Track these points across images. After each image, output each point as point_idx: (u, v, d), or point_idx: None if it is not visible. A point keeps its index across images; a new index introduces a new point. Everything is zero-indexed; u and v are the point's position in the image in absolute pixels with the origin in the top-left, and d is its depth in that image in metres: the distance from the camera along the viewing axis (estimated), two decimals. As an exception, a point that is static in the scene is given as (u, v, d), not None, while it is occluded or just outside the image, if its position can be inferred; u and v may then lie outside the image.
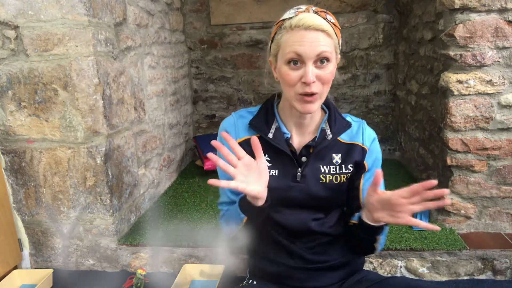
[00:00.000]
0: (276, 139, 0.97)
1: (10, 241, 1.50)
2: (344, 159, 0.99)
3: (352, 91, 2.60)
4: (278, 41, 0.92)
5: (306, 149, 0.99)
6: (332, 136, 0.97)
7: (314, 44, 0.86)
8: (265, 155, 0.99)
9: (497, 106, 1.42)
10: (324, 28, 0.86)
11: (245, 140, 1.00)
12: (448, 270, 1.45)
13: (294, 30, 0.87)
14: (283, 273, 1.03)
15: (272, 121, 1.00)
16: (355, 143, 1.00)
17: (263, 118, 1.01)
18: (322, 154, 0.99)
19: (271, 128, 0.99)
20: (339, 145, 1.00)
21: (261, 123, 1.00)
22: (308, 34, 0.86)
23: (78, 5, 1.30)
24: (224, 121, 1.06)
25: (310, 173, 0.98)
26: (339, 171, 0.99)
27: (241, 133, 1.02)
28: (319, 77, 0.88)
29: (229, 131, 1.02)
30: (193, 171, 2.46)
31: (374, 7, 2.44)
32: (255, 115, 1.03)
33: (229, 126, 1.04)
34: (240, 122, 1.03)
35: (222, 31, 2.60)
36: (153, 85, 1.97)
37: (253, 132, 1.00)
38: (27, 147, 1.46)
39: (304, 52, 0.86)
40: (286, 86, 0.92)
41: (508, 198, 1.51)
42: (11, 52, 1.36)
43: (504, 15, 1.36)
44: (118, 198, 1.56)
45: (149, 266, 1.57)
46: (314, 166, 0.98)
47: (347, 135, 1.01)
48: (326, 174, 0.98)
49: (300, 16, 0.87)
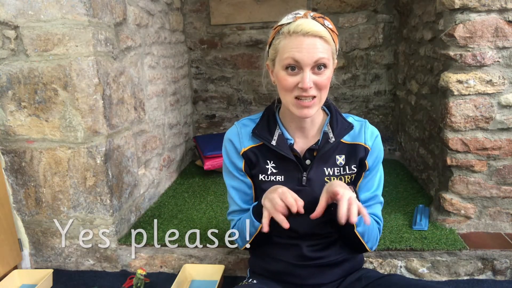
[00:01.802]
0: (279, 146, 0.99)
1: (10, 241, 1.50)
2: (348, 160, 1.01)
3: (352, 91, 2.60)
4: (276, 46, 0.92)
5: (309, 152, 1.00)
6: (334, 139, 0.99)
7: (312, 51, 0.87)
8: (270, 162, 1.02)
9: (497, 106, 1.42)
10: (321, 34, 0.87)
11: (250, 149, 1.03)
12: (448, 270, 1.45)
13: (292, 36, 0.88)
14: (284, 270, 1.04)
15: (274, 128, 1.02)
16: (358, 143, 1.02)
17: (266, 126, 1.03)
18: (326, 157, 1.00)
19: (274, 135, 1.01)
20: (342, 146, 1.01)
21: (263, 131, 1.02)
22: (306, 40, 0.87)
23: (78, 5, 1.30)
24: (228, 131, 1.08)
25: (315, 177, 0.99)
26: (343, 172, 1.00)
27: (245, 142, 1.04)
28: (316, 83, 0.89)
29: (234, 141, 1.04)
30: (193, 171, 2.46)
31: (374, 7, 2.44)
32: (257, 123, 1.05)
33: (233, 136, 1.06)
34: (244, 131, 1.05)
35: (222, 31, 2.60)
36: (153, 85, 1.97)
37: (257, 140, 1.03)
38: (27, 147, 1.46)
39: (302, 58, 0.87)
40: (283, 91, 0.94)
41: (508, 198, 1.51)
42: (11, 52, 1.36)
43: (504, 15, 1.36)
44: (118, 198, 1.56)
45: (149, 266, 1.57)
46: (319, 169, 1.00)
47: (349, 136, 1.02)
48: (330, 176, 1.00)
49: (298, 22, 0.88)
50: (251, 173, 1.05)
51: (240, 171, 1.05)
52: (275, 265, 1.06)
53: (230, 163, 1.06)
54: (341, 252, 1.04)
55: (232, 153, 1.05)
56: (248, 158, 1.03)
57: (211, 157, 2.25)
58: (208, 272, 1.48)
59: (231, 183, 1.07)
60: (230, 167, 1.06)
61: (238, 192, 1.06)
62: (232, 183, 1.07)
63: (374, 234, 1.02)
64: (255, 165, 1.03)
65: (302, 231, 1.01)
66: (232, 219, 1.09)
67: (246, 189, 1.05)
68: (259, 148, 1.03)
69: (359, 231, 0.97)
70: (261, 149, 1.03)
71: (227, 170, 1.08)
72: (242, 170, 1.04)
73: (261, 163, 1.02)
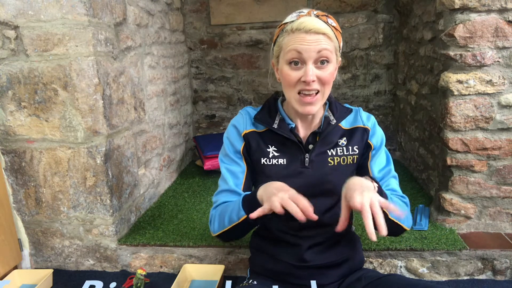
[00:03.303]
0: (281, 129, 1.01)
1: (10, 241, 1.50)
2: (349, 142, 1.03)
3: (352, 91, 2.60)
4: (280, 43, 0.94)
5: (312, 136, 1.02)
6: (336, 121, 1.02)
7: (315, 44, 0.88)
8: (272, 146, 1.03)
9: (497, 106, 1.42)
10: (324, 31, 0.88)
11: (252, 132, 1.05)
12: (448, 270, 1.45)
13: (295, 32, 0.90)
14: (284, 271, 1.04)
15: (275, 114, 1.04)
16: (356, 126, 1.05)
17: (267, 113, 1.05)
18: (328, 139, 1.02)
19: (275, 120, 1.03)
20: (342, 131, 1.04)
21: (265, 116, 1.04)
22: (309, 37, 0.88)
23: (78, 5, 1.30)
24: (233, 118, 1.11)
25: (318, 158, 1.01)
26: (346, 153, 1.02)
27: (248, 126, 1.06)
28: (319, 77, 0.90)
29: (237, 125, 1.07)
30: (193, 171, 2.46)
31: (374, 7, 2.44)
32: (258, 110, 1.08)
33: (237, 121, 1.09)
34: (247, 117, 1.08)
35: (222, 31, 2.60)
36: (153, 85, 1.97)
37: (259, 126, 1.05)
38: (27, 147, 1.46)
39: (305, 50, 0.88)
40: (287, 86, 0.95)
41: (508, 198, 1.51)
42: (11, 52, 1.36)
43: (504, 15, 1.36)
44: (118, 198, 1.56)
45: (149, 266, 1.57)
46: (322, 150, 1.01)
47: (347, 122, 1.05)
48: (334, 156, 1.01)
49: (302, 20, 0.89)
50: (250, 158, 1.06)
51: (237, 153, 1.06)
52: (276, 265, 1.06)
53: (229, 145, 1.07)
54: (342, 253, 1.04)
55: (234, 135, 1.06)
56: (248, 141, 1.05)
57: (211, 157, 2.25)
58: (208, 272, 1.48)
59: (226, 166, 1.07)
60: (228, 149, 1.07)
61: (232, 174, 1.05)
62: (227, 166, 1.07)
63: (406, 213, 0.98)
64: (255, 150, 1.04)
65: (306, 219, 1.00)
66: (217, 200, 1.06)
67: (239, 173, 1.05)
68: (261, 134, 1.05)
69: (394, 217, 0.92)
70: (262, 135, 1.05)
71: (224, 153, 1.09)
72: (240, 153, 1.05)
73: (262, 147, 1.03)
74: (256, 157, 1.04)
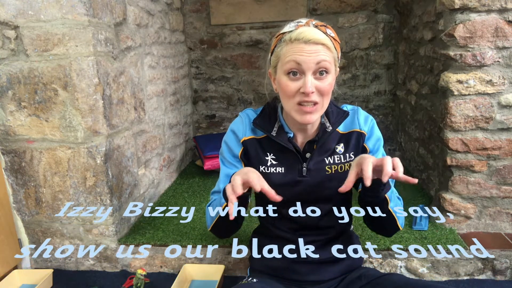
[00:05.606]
0: (279, 137, 1.01)
1: (10, 241, 1.50)
2: (346, 148, 1.03)
3: (352, 91, 2.60)
4: (278, 53, 0.93)
5: (309, 145, 1.01)
6: (331, 127, 1.01)
7: (314, 55, 0.87)
8: (270, 154, 1.03)
9: (497, 106, 1.42)
10: (323, 41, 0.88)
11: (251, 139, 1.05)
12: (448, 270, 1.45)
13: (293, 43, 0.88)
14: (283, 266, 1.05)
15: (274, 121, 1.04)
16: (352, 130, 1.04)
17: (266, 118, 1.05)
18: (326, 147, 1.02)
19: (274, 127, 1.03)
20: (339, 135, 1.03)
21: (264, 122, 1.04)
22: (308, 47, 0.87)
23: (78, 5, 1.30)
24: (233, 122, 1.10)
25: (316, 167, 1.00)
26: (344, 161, 1.02)
27: (247, 132, 1.06)
28: (318, 89, 0.90)
29: (236, 131, 1.06)
30: (193, 171, 2.46)
31: (374, 7, 2.44)
32: (258, 114, 1.07)
33: (237, 125, 1.08)
34: (247, 121, 1.07)
35: (222, 31, 2.60)
36: (153, 85, 1.97)
37: (258, 133, 1.05)
38: (27, 147, 1.46)
39: (304, 61, 0.87)
40: (285, 97, 0.94)
41: (508, 198, 1.51)
42: (11, 52, 1.36)
43: (504, 15, 1.36)
44: (118, 198, 1.56)
45: (149, 266, 1.57)
46: (319, 159, 1.01)
47: (344, 126, 1.04)
48: (331, 165, 1.01)
49: (300, 30, 0.88)
50: (248, 164, 1.06)
51: (235, 158, 1.06)
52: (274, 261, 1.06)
53: (227, 149, 1.07)
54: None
55: (232, 141, 1.06)
56: (247, 148, 1.05)
57: (211, 157, 2.25)
58: (208, 272, 1.48)
59: (224, 171, 1.07)
60: (226, 153, 1.07)
61: (227, 177, 1.05)
62: (225, 171, 1.07)
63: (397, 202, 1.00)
64: (254, 157, 1.04)
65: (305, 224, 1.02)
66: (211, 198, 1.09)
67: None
68: (260, 140, 1.04)
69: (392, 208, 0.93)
70: (261, 142, 1.04)
71: (222, 156, 1.09)
72: (238, 157, 1.05)
73: (261, 155, 1.03)
74: (254, 164, 1.04)
